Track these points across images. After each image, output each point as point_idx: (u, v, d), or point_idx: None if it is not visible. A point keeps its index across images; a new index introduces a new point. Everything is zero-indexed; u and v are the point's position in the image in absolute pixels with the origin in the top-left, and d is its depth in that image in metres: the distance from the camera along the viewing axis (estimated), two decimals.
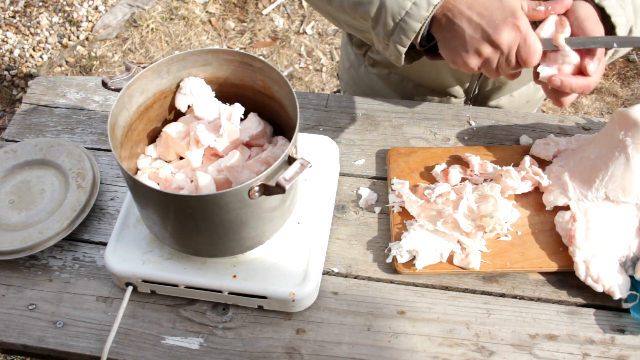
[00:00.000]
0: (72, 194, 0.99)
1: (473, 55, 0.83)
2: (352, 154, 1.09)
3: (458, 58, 0.84)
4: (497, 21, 0.80)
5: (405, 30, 0.84)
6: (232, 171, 0.85)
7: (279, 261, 0.89)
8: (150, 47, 2.79)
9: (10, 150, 1.06)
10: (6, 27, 2.87)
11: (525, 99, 1.30)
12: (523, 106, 1.31)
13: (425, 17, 0.82)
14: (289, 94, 0.85)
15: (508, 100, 1.28)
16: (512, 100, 1.28)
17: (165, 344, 0.88)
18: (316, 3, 0.96)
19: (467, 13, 0.82)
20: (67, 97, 1.21)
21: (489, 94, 1.26)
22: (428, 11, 0.82)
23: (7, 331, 0.90)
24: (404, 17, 0.83)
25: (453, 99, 1.26)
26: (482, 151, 1.06)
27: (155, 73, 0.89)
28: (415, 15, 0.83)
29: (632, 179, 0.91)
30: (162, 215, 0.82)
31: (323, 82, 2.68)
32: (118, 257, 0.89)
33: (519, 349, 0.86)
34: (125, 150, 0.88)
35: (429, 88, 1.24)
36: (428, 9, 0.82)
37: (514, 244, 0.94)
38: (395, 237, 0.95)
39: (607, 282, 0.88)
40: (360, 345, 0.87)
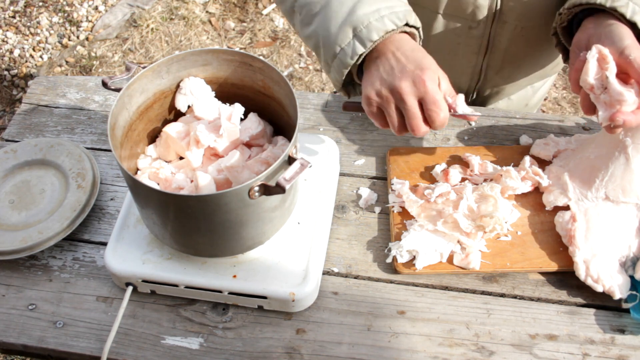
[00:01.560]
0: (72, 194, 0.99)
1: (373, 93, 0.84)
2: (352, 154, 1.09)
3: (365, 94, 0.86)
4: (408, 69, 0.81)
5: (337, 68, 0.86)
6: (232, 171, 0.85)
7: (279, 261, 0.89)
8: (150, 47, 2.79)
9: (10, 150, 1.06)
10: (6, 27, 2.87)
11: (524, 102, 1.30)
12: (522, 109, 1.31)
13: (350, 63, 0.84)
14: (289, 94, 0.85)
15: (506, 104, 1.28)
16: (510, 103, 1.28)
17: (165, 344, 0.88)
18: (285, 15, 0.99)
19: (389, 56, 0.84)
20: (67, 97, 1.21)
21: (488, 98, 1.26)
22: (352, 59, 0.84)
23: (7, 331, 0.90)
24: (335, 60, 0.86)
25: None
26: (482, 151, 1.06)
27: (155, 73, 0.89)
28: (343, 60, 0.85)
29: (632, 179, 0.91)
30: (162, 215, 0.82)
31: (323, 82, 2.68)
32: (118, 257, 0.89)
33: (519, 349, 0.86)
34: (125, 150, 0.88)
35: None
36: (352, 57, 0.84)
37: (514, 244, 0.94)
38: (395, 237, 0.95)
39: (607, 282, 0.88)
40: (360, 345, 0.87)
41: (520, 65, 1.16)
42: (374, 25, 0.83)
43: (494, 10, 1.02)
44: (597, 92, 0.84)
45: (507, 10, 1.02)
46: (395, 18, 0.83)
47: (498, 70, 1.15)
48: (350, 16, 0.84)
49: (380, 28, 0.83)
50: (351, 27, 0.84)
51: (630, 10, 0.84)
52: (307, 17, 0.90)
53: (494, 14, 1.03)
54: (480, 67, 1.14)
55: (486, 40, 1.08)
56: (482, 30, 1.06)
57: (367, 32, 0.83)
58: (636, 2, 0.85)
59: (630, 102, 0.81)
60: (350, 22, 0.84)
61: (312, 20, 0.89)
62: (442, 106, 0.81)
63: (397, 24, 0.83)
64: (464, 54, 1.12)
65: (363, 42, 0.83)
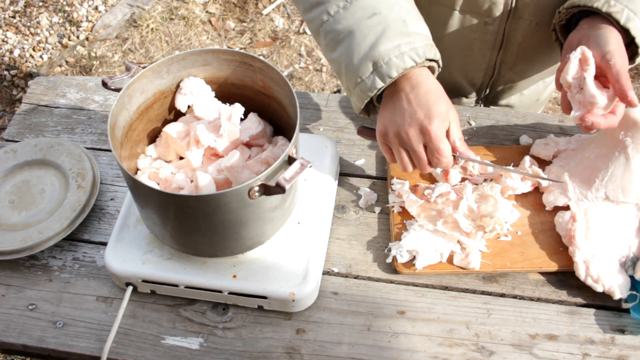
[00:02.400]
0: (72, 194, 0.99)
1: (384, 134, 0.88)
2: (352, 154, 1.09)
3: (379, 130, 0.89)
4: (417, 116, 0.84)
5: (357, 96, 0.89)
6: (232, 171, 0.85)
7: (279, 261, 0.89)
8: (150, 47, 2.79)
9: (10, 150, 1.06)
10: (6, 27, 2.87)
11: (535, 97, 1.31)
12: (533, 104, 1.31)
13: (369, 95, 0.87)
14: (289, 94, 0.85)
15: (519, 99, 1.29)
16: (522, 98, 1.29)
17: (165, 344, 0.88)
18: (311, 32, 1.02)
19: (402, 97, 0.86)
20: (67, 97, 1.21)
21: (501, 93, 1.27)
22: (372, 92, 0.87)
23: (7, 331, 0.90)
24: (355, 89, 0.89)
25: (464, 99, 1.27)
26: (482, 151, 1.06)
27: (155, 73, 0.89)
28: (363, 90, 0.88)
29: (632, 179, 0.91)
30: (162, 215, 0.82)
31: (323, 82, 2.68)
32: (118, 257, 0.89)
33: (519, 349, 0.86)
34: (125, 150, 0.88)
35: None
36: (372, 90, 0.86)
37: (514, 244, 0.94)
38: (395, 237, 0.95)
39: (607, 282, 0.88)
40: (360, 345, 0.87)
41: (534, 60, 1.17)
42: (393, 62, 0.85)
43: (510, 7, 1.03)
44: (574, 91, 0.86)
45: (522, 7, 1.03)
46: (415, 55, 0.85)
47: (512, 66, 1.16)
48: (371, 51, 0.86)
49: (399, 65, 0.85)
50: (372, 62, 0.86)
51: (625, 17, 0.86)
52: (331, 43, 0.92)
53: (509, 10, 1.04)
54: (495, 62, 1.16)
55: (501, 36, 1.09)
56: (497, 26, 1.07)
57: (387, 69, 0.85)
58: (632, 8, 0.86)
59: (601, 105, 0.84)
60: (371, 57, 0.86)
61: (336, 47, 0.91)
62: (445, 154, 0.84)
63: (417, 61, 0.85)
64: (478, 49, 1.13)
65: (383, 77, 0.85)
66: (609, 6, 0.86)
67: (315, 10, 0.93)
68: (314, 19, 0.94)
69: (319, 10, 0.92)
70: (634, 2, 0.87)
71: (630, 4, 0.87)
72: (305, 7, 0.96)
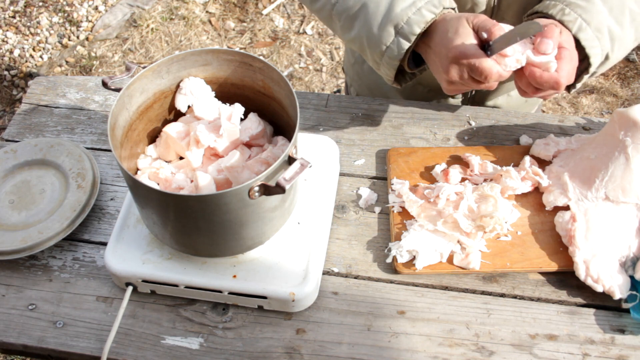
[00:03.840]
0: (72, 194, 0.99)
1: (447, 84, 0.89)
2: (352, 154, 1.09)
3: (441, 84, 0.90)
4: (445, 64, 0.85)
5: (387, 65, 0.90)
6: (232, 171, 0.85)
7: (279, 261, 0.89)
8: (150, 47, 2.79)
9: (10, 150, 1.06)
10: (6, 27, 2.87)
11: (523, 98, 1.30)
12: (522, 105, 1.31)
13: (399, 59, 0.87)
14: (289, 94, 0.85)
15: (506, 100, 1.28)
16: (509, 99, 1.28)
17: (165, 344, 0.88)
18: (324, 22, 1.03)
19: (429, 52, 0.88)
20: (67, 97, 1.21)
21: (487, 94, 1.26)
22: (400, 55, 0.87)
23: (7, 331, 0.90)
24: (383, 58, 0.89)
25: (450, 99, 1.27)
26: (482, 151, 1.06)
27: (155, 73, 0.89)
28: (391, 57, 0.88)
29: (632, 179, 0.91)
30: (162, 215, 0.82)
31: (323, 82, 2.68)
32: (118, 257, 0.89)
33: (519, 349, 0.86)
34: (125, 150, 0.88)
35: (428, 87, 1.24)
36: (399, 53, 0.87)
37: (514, 244, 0.94)
38: (395, 237, 0.95)
39: (607, 282, 0.88)
40: (360, 345, 0.87)
41: None
42: (413, 20, 0.85)
43: (492, 7, 1.03)
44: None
45: (504, 7, 1.03)
46: (432, 6, 0.86)
47: None
48: (388, 14, 0.87)
49: (420, 20, 0.85)
50: (392, 25, 0.86)
51: (577, 26, 0.86)
52: (347, 22, 0.93)
53: (492, 10, 1.04)
54: None
55: None
56: None
57: (409, 27, 0.85)
58: (586, 18, 0.87)
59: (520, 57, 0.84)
60: (390, 20, 0.86)
61: (352, 24, 0.92)
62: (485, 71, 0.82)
63: (435, 12, 0.86)
64: None
65: (407, 37, 0.86)
66: (563, 14, 0.87)
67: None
68: (323, 7, 0.95)
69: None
70: (589, 12, 0.87)
71: (585, 14, 0.87)
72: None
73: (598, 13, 0.87)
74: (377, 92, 1.30)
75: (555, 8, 0.88)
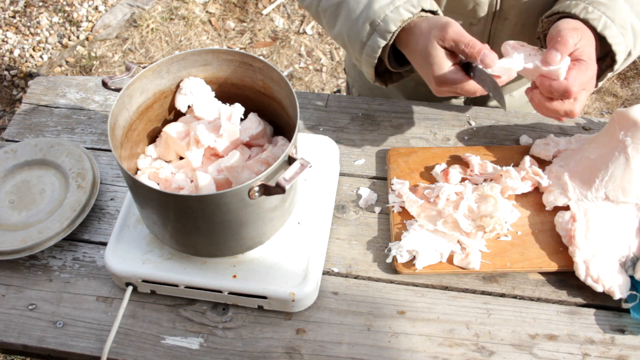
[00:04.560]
0: (72, 194, 0.99)
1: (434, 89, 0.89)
2: (352, 154, 1.09)
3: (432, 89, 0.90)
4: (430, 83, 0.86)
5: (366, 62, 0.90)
6: (232, 171, 0.85)
7: (279, 261, 0.89)
8: (150, 47, 2.79)
9: (10, 150, 1.06)
10: (6, 27, 2.87)
11: (525, 98, 1.30)
12: (524, 105, 1.31)
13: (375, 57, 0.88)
14: (289, 94, 0.85)
15: (508, 101, 1.28)
16: (512, 100, 1.28)
17: (165, 344, 0.88)
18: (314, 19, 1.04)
19: (412, 59, 0.88)
20: (67, 97, 1.21)
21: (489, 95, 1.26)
22: (377, 52, 0.87)
23: (7, 331, 0.90)
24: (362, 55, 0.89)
25: (453, 99, 1.27)
26: (482, 151, 1.06)
27: (155, 73, 0.89)
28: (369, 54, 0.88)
29: (632, 179, 0.91)
30: (162, 215, 0.82)
31: (323, 82, 2.68)
32: (118, 257, 0.89)
33: (519, 349, 0.86)
34: (125, 150, 0.88)
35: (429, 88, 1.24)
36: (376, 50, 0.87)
37: (514, 244, 0.94)
38: (395, 237, 0.95)
39: (607, 282, 0.88)
40: (360, 345, 0.87)
41: None
42: (390, 18, 0.85)
43: (494, 8, 1.03)
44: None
45: (507, 8, 1.03)
46: (410, 6, 0.85)
47: None
48: (366, 11, 0.87)
49: (397, 19, 0.85)
50: (369, 22, 0.87)
51: (602, 24, 0.86)
52: (330, 19, 0.94)
53: (494, 11, 1.03)
54: None
55: (487, 37, 1.09)
56: (482, 26, 1.06)
57: (385, 25, 0.85)
58: (610, 15, 0.86)
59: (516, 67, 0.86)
60: (367, 17, 0.87)
61: (335, 21, 0.92)
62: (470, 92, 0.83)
63: (413, 12, 0.85)
64: None
65: (383, 35, 0.86)
66: (586, 12, 0.86)
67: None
68: (311, 3, 0.95)
69: None
70: (613, 9, 0.87)
71: (609, 11, 0.86)
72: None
73: (621, 10, 0.87)
74: (379, 92, 1.30)
75: (578, 7, 0.87)
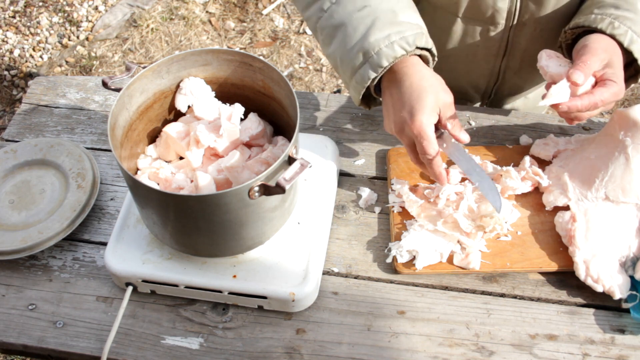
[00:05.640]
0: (72, 194, 0.99)
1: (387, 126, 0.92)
2: (352, 154, 1.09)
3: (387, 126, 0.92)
4: (401, 115, 0.86)
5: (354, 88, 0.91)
6: (232, 171, 0.85)
7: (279, 261, 0.89)
8: (150, 47, 2.79)
9: (10, 150, 1.06)
10: (6, 27, 2.87)
11: (539, 100, 1.31)
12: (538, 108, 1.31)
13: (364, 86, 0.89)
14: (289, 94, 0.85)
15: (523, 102, 1.29)
16: (526, 102, 1.29)
17: (165, 344, 0.88)
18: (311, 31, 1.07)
19: (392, 92, 0.89)
20: (67, 97, 1.21)
21: (505, 97, 1.26)
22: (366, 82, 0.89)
23: (7, 331, 0.90)
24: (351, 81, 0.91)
25: (469, 103, 1.27)
26: (482, 151, 1.06)
27: (155, 73, 0.89)
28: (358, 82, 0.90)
29: (632, 179, 0.91)
30: (162, 215, 0.82)
31: (323, 82, 2.68)
32: (118, 257, 0.89)
33: (519, 349, 0.86)
34: (125, 150, 0.88)
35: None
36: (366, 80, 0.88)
37: (514, 244, 0.94)
38: (395, 237, 0.95)
39: (607, 282, 0.88)
40: (360, 345, 0.87)
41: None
42: (384, 52, 0.86)
43: (513, 14, 1.03)
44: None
45: (526, 15, 1.02)
46: (405, 43, 0.86)
47: (516, 71, 1.16)
48: (362, 42, 0.88)
49: (389, 54, 0.86)
50: (362, 53, 0.88)
51: (629, 39, 0.87)
52: (327, 39, 0.94)
53: (512, 18, 1.03)
54: (499, 68, 1.15)
55: (505, 43, 1.09)
56: (501, 33, 1.06)
57: (378, 59, 0.86)
58: (636, 30, 0.87)
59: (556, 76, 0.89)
60: (362, 47, 0.88)
61: (331, 42, 0.93)
62: (428, 150, 0.85)
63: (407, 49, 0.86)
64: (483, 56, 1.12)
65: (374, 67, 0.87)
66: (612, 28, 0.87)
67: (312, 8, 0.95)
68: (311, 17, 0.96)
69: (314, 7, 0.94)
70: (639, 24, 0.87)
71: (635, 26, 0.87)
72: (303, 6, 0.98)
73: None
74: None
75: (604, 22, 0.87)
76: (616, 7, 0.89)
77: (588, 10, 0.92)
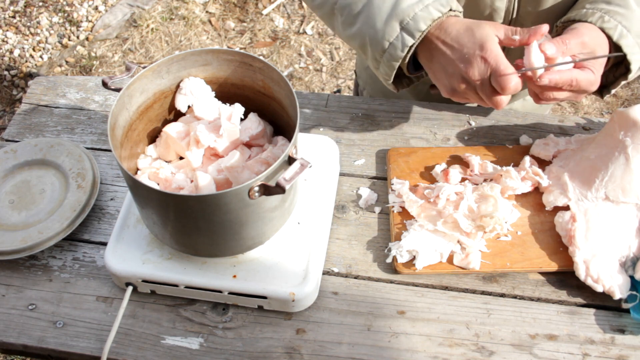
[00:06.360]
0: (72, 194, 0.99)
1: (452, 91, 0.88)
2: (352, 154, 1.09)
3: (443, 89, 0.89)
4: (468, 56, 0.83)
5: (387, 63, 0.89)
6: (232, 171, 0.85)
7: (279, 261, 0.89)
8: (150, 47, 2.79)
9: (10, 150, 1.06)
10: (6, 27, 2.87)
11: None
12: (537, 108, 1.31)
13: (401, 56, 0.86)
14: (289, 94, 0.85)
15: (522, 104, 1.28)
16: (525, 104, 1.28)
17: (165, 344, 0.88)
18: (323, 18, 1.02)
19: (442, 49, 0.86)
20: (67, 97, 1.21)
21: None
22: (403, 52, 0.86)
23: (7, 331, 0.90)
24: (384, 55, 0.88)
25: (469, 103, 1.27)
26: (482, 151, 1.06)
27: (155, 73, 0.89)
28: (393, 54, 0.87)
29: (632, 179, 0.91)
30: (162, 215, 0.82)
31: (323, 82, 2.68)
32: (118, 257, 0.89)
33: (519, 349, 0.86)
34: (125, 150, 0.88)
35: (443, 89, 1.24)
36: (403, 49, 0.86)
37: (514, 244, 0.94)
38: (395, 237, 0.95)
39: (607, 282, 0.88)
40: (360, 345, 0.87)
41: None
42: (420, 16, 0.85)
43: (511, 14, 1.03)
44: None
45: (523, 14, 1.03)
46: (439, 5, 0.85)
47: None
48: (394, 10, 0.86)
49: (427, 17, 0.85)
50: (397, 21, 0.86)
51: (618, 33, 0.87)
52: (349, 18, 0.92)
53: (510, 18, 1.03)
54: None
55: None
56: None
57: (415, 23, 0.85)
58: (626, 25, 0.87)
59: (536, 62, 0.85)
60: (395, 15, 0.86)
61: (355, 20, 0.91)
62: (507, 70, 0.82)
63: (442, 11, 0.85)
64: None
65: (412, 33, 0.85)
66: (602, 22, 0.87)
67: None
68: (325, 2, 0.94)
69: None
70: (629, 19, 0.87)
71: (625, 21, 0.87)
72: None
73: (638, 19, 0.88)
74: (391, 95, 1.30)
75: (594, 16, 0.88)
76: (607, 3, 0.89)
77: (580, 5, 0.92)
